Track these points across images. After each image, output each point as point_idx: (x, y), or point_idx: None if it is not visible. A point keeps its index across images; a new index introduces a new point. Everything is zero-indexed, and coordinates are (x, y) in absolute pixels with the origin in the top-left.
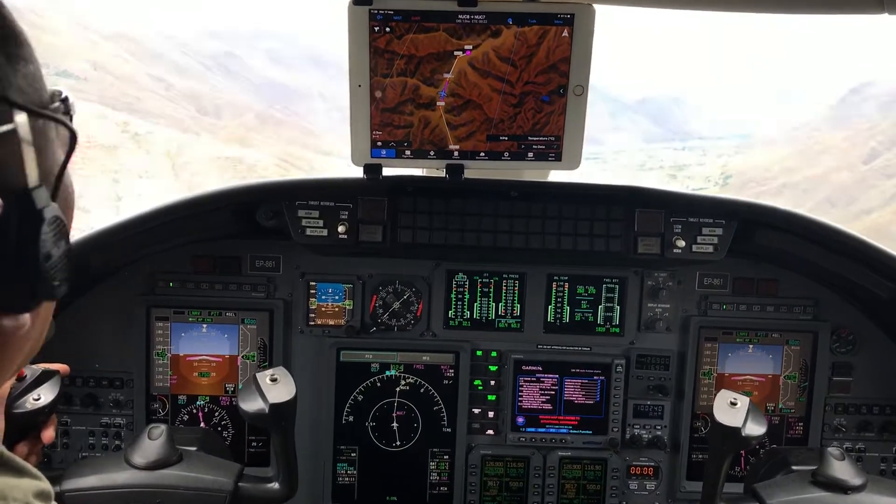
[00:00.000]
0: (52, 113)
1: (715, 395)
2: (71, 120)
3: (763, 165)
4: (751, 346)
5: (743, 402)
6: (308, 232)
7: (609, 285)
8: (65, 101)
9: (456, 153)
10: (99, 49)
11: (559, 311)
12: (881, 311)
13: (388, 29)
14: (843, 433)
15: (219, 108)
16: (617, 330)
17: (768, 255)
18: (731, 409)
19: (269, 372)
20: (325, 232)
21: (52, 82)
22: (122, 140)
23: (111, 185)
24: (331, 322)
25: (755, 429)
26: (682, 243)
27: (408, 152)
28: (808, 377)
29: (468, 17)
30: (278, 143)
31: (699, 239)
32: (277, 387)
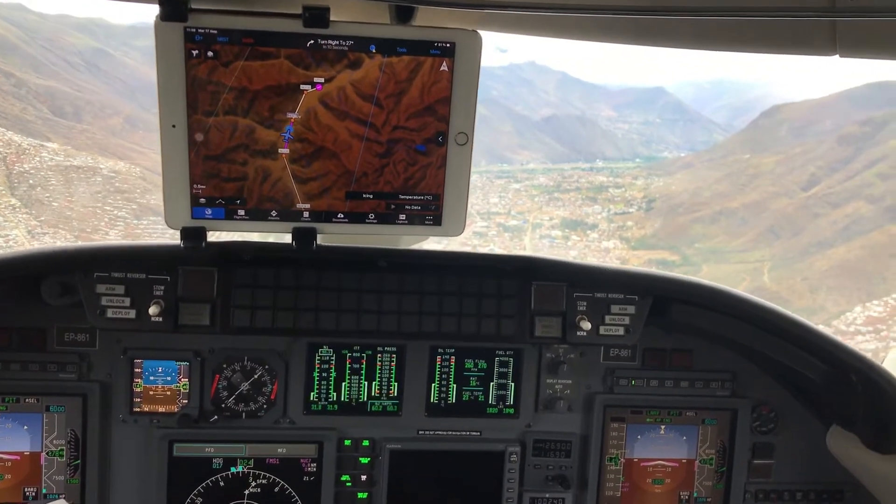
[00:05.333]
0: None
1: (623, 483)
2: None
3: (690, 190)
4: (662, 426)
5: None
6: (110, 314)
7: (502, 359)
8: None
9: (306, 214)
10: None
11: (444, 389)
12: (809, 391)
13: (210, 53)
14: None
15: (79, 109)
16: (511, 411)
17: (682, 326)
18: None
19: None
20: (132, 313)
21: None
22: None
23: None
24: (161, 409)
25: None
26: (587, 325)
27: (241, 212)
28: (725, 460)
29: (318, 41)
30: (150, 151)
31: (607, 319)
32: None
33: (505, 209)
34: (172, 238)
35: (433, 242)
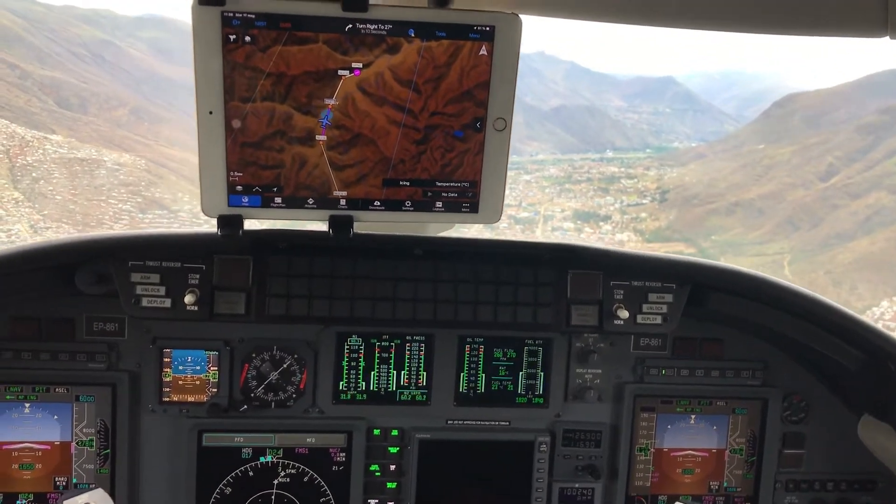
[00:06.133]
0: None
1: (653, 473)
2: None
3: (704, 181)
4: (693, 416)
5: None
6: (145, 302)
7: (531, 348)
8: None
9: (343, 202)
10: None
11: (473, 379)
12: (841, 379)
13: (248, 38)
14: None
15: (84, 100)
16: (540, 400)
17: (715, 315)
18: None
19: (82, 499)
20: (167, 302)
21: None
22: None
23: None
24: (190, 398)
25: None
26: (624, 313)
27: (278, 200)
28: (756, 450)
29: (356, 25)
30: (156, 143)
31: (645, 307)
32: None
33: (516, 201)
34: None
35: (456, 230)
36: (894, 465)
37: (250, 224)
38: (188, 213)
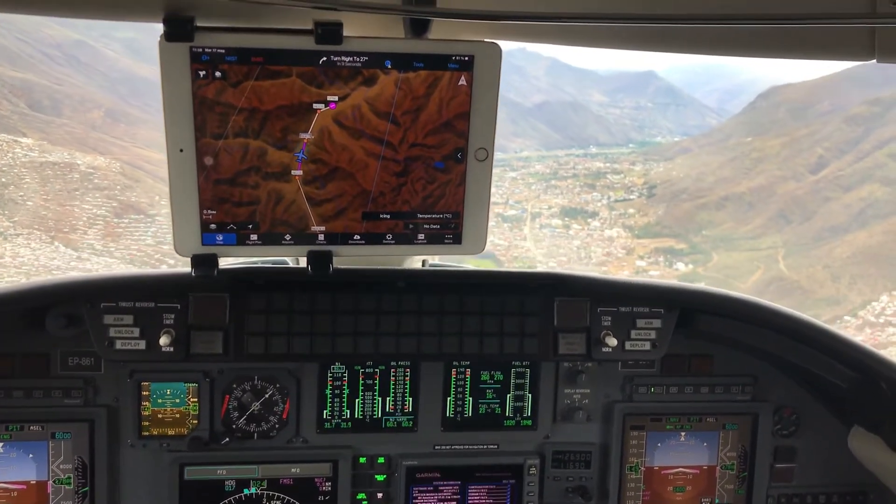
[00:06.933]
0: None
1: (644, 492)
2: None
3: (692, 175)
4: (683, 433)
5: None
6: (118, 345)
7: (519, 370)
8: None
9: (321, 237)
10: None
11: (460, 403)
12: (831, 393)
13: (218, 73)
14: None
15: (58, 103)
16: (529, 422)
17: (705, 335)
18: None
19: None
20: (142, 344)
21: None
22: None
23: None
24: (170, 432)
25: None
26: (612, 341)
27: (254, 237)
28: (747, 465)
29: (331, 58)
30: (132, 145)
31: (633, 334)
32: None
33: (503, 199)
34: (159, 243)
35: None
36: (885, 477)
37: (226, 261)
38: (165, 217)
